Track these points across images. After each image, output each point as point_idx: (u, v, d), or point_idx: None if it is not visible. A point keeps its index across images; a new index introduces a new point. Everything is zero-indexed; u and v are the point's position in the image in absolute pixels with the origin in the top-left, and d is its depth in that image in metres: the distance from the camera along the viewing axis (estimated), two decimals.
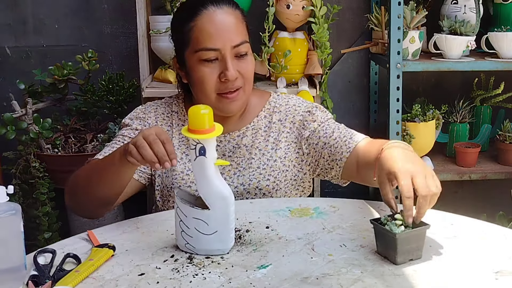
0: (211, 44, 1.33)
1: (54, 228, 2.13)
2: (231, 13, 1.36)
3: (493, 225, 1.20)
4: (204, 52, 1.33)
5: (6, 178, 2.24)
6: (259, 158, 1.42)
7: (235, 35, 1.34)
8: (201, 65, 1.34)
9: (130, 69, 2.38)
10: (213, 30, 1.33)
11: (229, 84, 1.34)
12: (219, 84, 1.34)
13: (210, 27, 1.33)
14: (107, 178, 1.23)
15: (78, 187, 1.32)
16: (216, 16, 1.34)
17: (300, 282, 0.97)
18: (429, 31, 2.28)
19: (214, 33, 1.33)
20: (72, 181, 1.34)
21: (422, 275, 0.99)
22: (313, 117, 1.44)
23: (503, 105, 2.37)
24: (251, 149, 1.43)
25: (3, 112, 2.14)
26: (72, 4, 2.35)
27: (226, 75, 1.33)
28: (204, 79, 1.35)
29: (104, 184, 1.24)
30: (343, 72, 2.48)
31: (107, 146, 1.43)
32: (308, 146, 1.43)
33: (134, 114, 1.49)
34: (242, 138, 1.44)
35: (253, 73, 1.40)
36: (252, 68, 1.39)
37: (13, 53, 2.37)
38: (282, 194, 1.44)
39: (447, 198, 2.54)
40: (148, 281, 0.99)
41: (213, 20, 1.33)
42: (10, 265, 0.97)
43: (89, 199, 1.29)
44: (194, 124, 1.03)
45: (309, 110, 1.46)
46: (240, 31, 1.36)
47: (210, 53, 1.33)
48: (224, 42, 1.33)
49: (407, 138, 2.12)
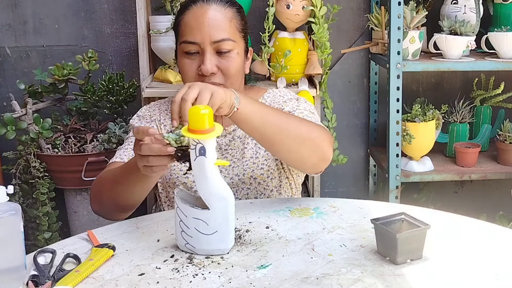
0: (191, 38, 1.38)
1: (54, 228, 2.13)
2: (219, 10, 1.39)
3: (493, 225, 1.20)
4: (185, 44, 1.39)
5: (6, 178, 2.24)
6: (251, 147, 1.45)
7: (217, 31, 1.37)
8: (183, 57, 1.40)
9: (130, 69, 2.38)
10: (195, 24, 1.38)
11: (205, 79, 1.36)
12: (197, 77, 1.38)
13: (193, 21, 1.38)
14: (133, 186, 1.25)
15: (103, 196, 1.33)
16: (202, 11, 1.38)
17: (300, 282, 0.97)
18: (429, 31, 2.28)
19: (195, 27, 1.37)
20: (95, 189, 1.36)
21: (422, 275, 0.99)
22: (284, 106, 1.45)
23: (503, 105, 2.37)
24: (244, 139, 1.46)
25: (3, 112, 2.14)
26: (72, 4, 2.35)
27: (201, 69, 1.37)
28: (184, 70, 1.41)
29: (132, 192, 1.26)
30: (343, 72, 2.48)
31: (119, 149, 1.46)
32: None
33: (140, 114, 1.53)
34: (236, 131, 1.47)
35: (238, 71, 1.41)
36: (236, 66, 1.40)
37: (13, 53, 2.37)
38: (276, 183, 1.46)
39: (447, 198, 2.56)
40: (148, 281, 0.99)
41: (197, 14, 1.38)
42: (10, 265, 0.97)
43: (115, 204, 1.30)
44: (194, 124, 1.03)
45: (286, 100, 1.48)
46: (224, 28, 1.38)
47: (190, 46, 1.38)
48: (204, 37, 1.37)
49: (407, 138, 2.12)
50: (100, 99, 2.17)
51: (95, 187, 1.36)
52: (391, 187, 2.14)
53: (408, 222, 1.07)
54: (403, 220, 1.08)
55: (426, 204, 2.42)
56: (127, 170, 1.24)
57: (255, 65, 2.15)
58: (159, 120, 1.50)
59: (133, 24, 2.27)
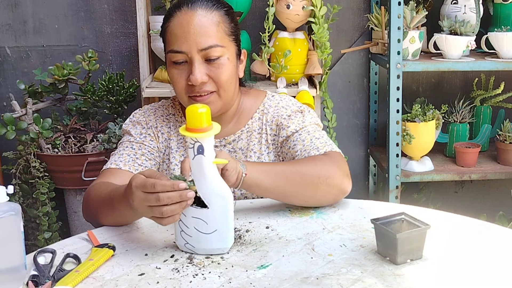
0: (177, 47, 1.31)
1: (54, 228, 2.13)
2: (204, 15, 1.31)
3: (493, 225, 1.20)
4: (172, 54, 1.32)
5: (6, 178, 2.24)
6: (254, 161, 1.41)
7: (204, 38, 1.30)
8: (172, 66, 1.34)
9: (130, 69, 2.38)
10: (180, 33, 1.31)
11: (196, 88, 1.32)
12: (188, 86, 1.33)
13: (177, 29, 1.31)
14: (129, 217, 1.21)
15: (94, 214, 1.27)
16: (186, 18, 1.31)
17: (300, 282, 0.97)
18: (429, 31, 2.28)
19: (181, 36, 1.30)
20: (87, 203, 1.31)
21: (422, 275, 0.99)
22: (289, 123, 1.41)
23: (503, 105, 2.38)
24: (246, 152, 1.43)
25: (3, 112, 2.14)
26: (72, 4, 2.35)
27: (190, 79, 1.31)
28: (174, 80, 1.34)
29: (126, 220, 1.23)
30: (343, 72, 2.48)
31: (114, 154, 1.41)
32: (282, 153, 1.42)
33: (134, 119, 1.46)
34: (237, 142, 1.43)
35: (230, 77, 1.34)
36: (227, 73, 1.33)
37: (13, 53, 2.38)
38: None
39: (447, 198, 2.56)
40: (148, 281, 0.99)
41: (182, 22, 1.31)
42: (10, 265, 0.97)
43: (106, 223, 1.25)
44: (192, 123, 1.03)
45: (291, 114, 1.43)
46: (211, 34, 1.30)
47: (177, 56, 1.31)
48: (190, 45, 1.30)
49: (407, 138, 2.12)
50: (100, 99, 2.17)
51: (88, 201, 1.30)
52: (391, 187, 2.14)
53: (408, 222, 1.07)
54: (403, 220, 1.08)
55: (426, 204, 2.42)
56: (123, 202, 1.13)
57: (255, 65, 2.15)
58: (156, 127, 1.44)
59: (133, 24, 2.28)
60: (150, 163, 1.39)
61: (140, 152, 1.39)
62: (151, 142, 1.41)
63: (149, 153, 1.40)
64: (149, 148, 1.40)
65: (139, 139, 1.41)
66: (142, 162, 1.37)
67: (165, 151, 1.43)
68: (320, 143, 1.36)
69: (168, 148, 1.43)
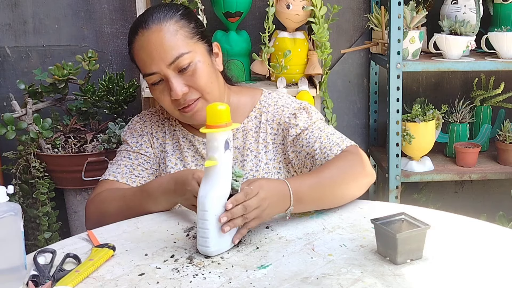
0: (148, 70, 1.32)
1: (54, 228, 2.13)
2: (160, 30, 1.30)
3: (493, 225, 1.20)
4: (146, 77, 1.33)
5: (6, 178, 2.24)
6: (251, 159, 1.41)
7: (168, 52, 1.29)
8: (152, 88, 1.36)
9: (130, 69, 2.38)
10: (145, 56, 1.31)
11: (181, 101, 1.32)
12: (173, 102, 1.33)
13: (141, 53, 1.32)
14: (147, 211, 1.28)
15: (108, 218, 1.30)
16: (144, 39, 1.31)
17: (300, 282, 0.97)
18: (429, 31, 2.28)
19: (146, 58, 1.31)
20: (93, 213, 1.36)
21: (422, 275, 0.99)
22: (297, 120, 1.40)
23: (503, 105, 2.38)
24: (243, 151, 1.42)
25: (3, 112, 2.14)
26: (72, 4, 2.35)
27: (172, 95, 1.32)
28: (159, 100, 1.36)
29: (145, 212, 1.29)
30: (343, 72, 2.48)
31: (112, 164, 1.44)
32: (293, 152, 1.41)
33: (130, 126, 1.49)
34: (233, 140, 1.43)
35: (208, 79, 1.33)
36: (204, 75, 1.32)
37: (13, 53, 2.38)
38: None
39: (447, 198, 2.56)
40: (148, 281, 0.99)
41: (142, 45, 1.31)
42: (10, 265, 0.97)
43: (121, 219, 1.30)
44: (215, 120, 1.04)
45: (295, 112, 1.42)
46: (173, 45, 1.30)
47: (152, 78, 1.32)
48: (158, 64, 1.30)
49: (407, 138, 2.12)
50: (100, 99, 2.17)
51: (93, 211, 1.36)
52: (391, 187, 2.14)
53: (408, 222, 1.07)
54: (403, 220, 1.08)
55: (426, 204, 2.42)
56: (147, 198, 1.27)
57: (255, 65, 2.15)
58: (151, 133, 1.46)
59: None
60: (147, 172, 1.43)
61: (137, 162, 1.43)
62: (147, 150, 1.45)
63: (145, 162, 1.43)
64: (145, 157, 1.44)
65: (135, 148, 1.45)
66: (139, 172, 1.41)
67: (160, 155, 1.46)
68: (337, 138, 1.38)
69: (164, 152, 1.45)
